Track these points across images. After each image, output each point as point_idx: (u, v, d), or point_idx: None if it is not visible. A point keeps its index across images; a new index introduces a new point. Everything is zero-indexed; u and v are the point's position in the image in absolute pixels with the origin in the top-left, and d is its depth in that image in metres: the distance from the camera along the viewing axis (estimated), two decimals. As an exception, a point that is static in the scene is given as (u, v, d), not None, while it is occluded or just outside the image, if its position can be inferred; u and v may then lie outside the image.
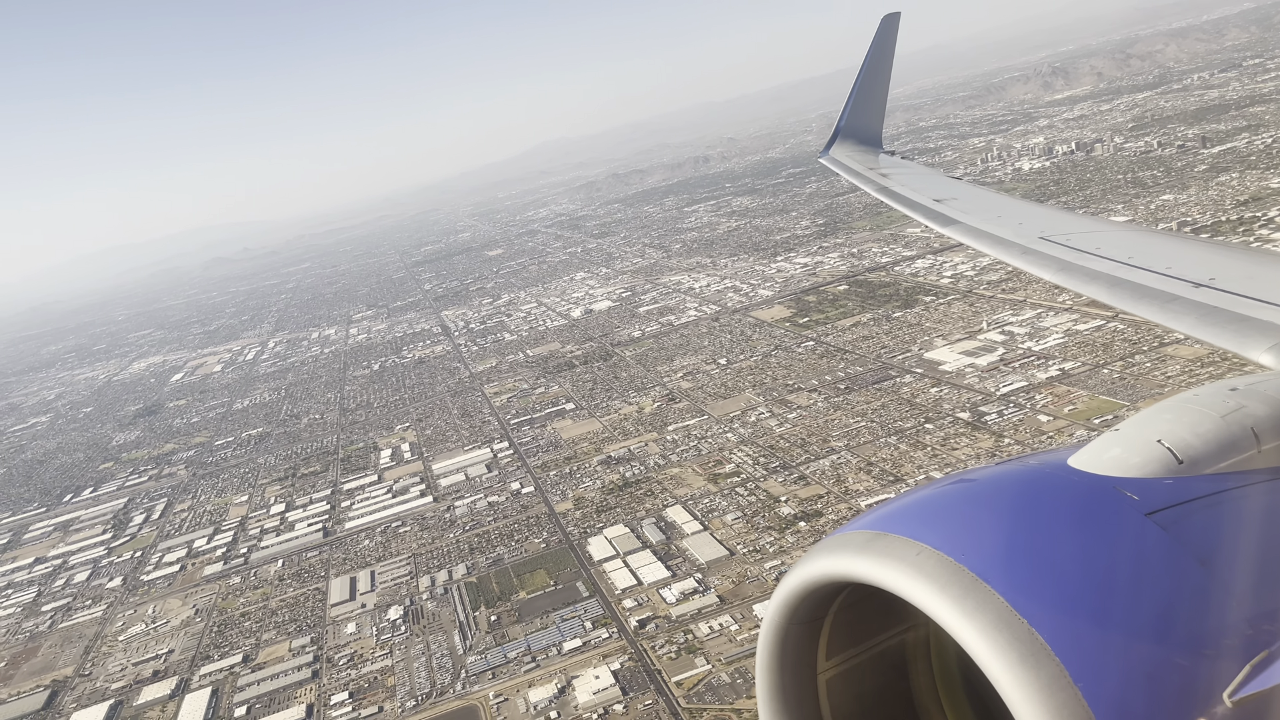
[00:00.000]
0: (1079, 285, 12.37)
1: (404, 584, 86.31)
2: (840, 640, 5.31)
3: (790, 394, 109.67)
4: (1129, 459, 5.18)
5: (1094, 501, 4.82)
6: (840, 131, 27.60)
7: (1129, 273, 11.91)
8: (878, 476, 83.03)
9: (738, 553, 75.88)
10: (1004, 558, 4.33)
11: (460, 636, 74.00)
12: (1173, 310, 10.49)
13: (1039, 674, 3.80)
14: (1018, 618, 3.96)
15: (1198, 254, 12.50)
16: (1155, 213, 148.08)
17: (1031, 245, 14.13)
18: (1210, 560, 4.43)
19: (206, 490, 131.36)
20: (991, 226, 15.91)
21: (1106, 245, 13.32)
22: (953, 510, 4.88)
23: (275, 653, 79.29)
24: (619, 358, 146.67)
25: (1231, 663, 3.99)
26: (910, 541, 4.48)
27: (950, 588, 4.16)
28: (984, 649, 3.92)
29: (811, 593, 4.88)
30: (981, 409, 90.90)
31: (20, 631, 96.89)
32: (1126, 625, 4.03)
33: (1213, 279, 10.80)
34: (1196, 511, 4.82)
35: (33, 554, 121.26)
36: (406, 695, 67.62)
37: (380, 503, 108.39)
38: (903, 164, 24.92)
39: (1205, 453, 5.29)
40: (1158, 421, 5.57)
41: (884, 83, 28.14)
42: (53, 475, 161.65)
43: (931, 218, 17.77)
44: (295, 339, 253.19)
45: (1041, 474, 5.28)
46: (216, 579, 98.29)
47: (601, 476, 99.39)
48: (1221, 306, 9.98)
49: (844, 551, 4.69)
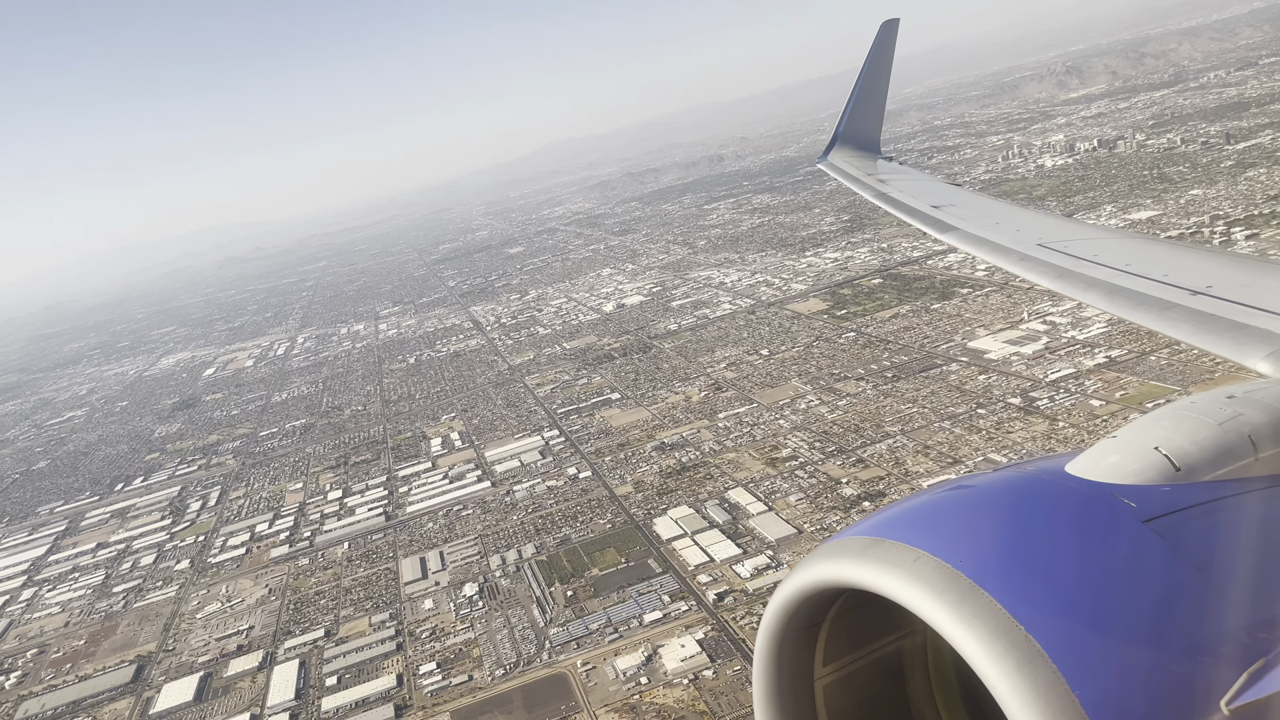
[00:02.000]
0: (1076, 292, 12.43)
1: (474, 563, 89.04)
2: (837, 646, 5.32)
3: (838, 382, 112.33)
4: (1127, 466, 5.21)
5: (1091, 508, 4.84)
6: (839, 137, 27.77)
7: (1127, 280, 11.94)
8: (936, 459, 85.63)
9: (805, 531, 78.52)
10: (1001, 564, 4.36)
11: (539, 610, 76.75)
12: (1170, 318, 10.59)
13: (1036, 681, 3.80)
14: (1015, 624, 3.97)
15: (1195, 262, 12.54)
16: (1185, 207, 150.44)
17: (1029, 252, 14.23)
18: (1207, 567, 4.44)
19: (259, 478, 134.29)
20: (989, 233, 15.98)
21: (1104, 252, 13.37)
22: (950, 516, 4.93)
23: (356, 628, 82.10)
24: (658, 350, 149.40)
25: (1229, 670, 3.98)
26: (907, 548, 4.50)
27: (947, 594, 4.17)
28: (981, 655, 3.93)
29: (808, 599, 4.90)
30: (1032, 395, 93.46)
31: (95, 611, 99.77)
32: (1124, 632, 4.04)
33: (1210, 287, 10.86)
34: (1194, 519, 4.82)
35: (94, 539, 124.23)
36: (494, 665, 70.34)
37: (438, 488, 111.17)
38: (901, 170, 25.27)
39: (1202, 460, 5.31)
40: (1155, 429, 5.60)
41: (883, 89, 28.28)
42: (99, 466, 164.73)
43: (929, 224, 17.77)
44: (324, 334, 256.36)
45: (1039, 480, 5.33)
46: (284, 561, 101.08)
47: (657, 461, 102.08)
48: (1219, 314, 10.06)
49: (841, 557, 4.71)
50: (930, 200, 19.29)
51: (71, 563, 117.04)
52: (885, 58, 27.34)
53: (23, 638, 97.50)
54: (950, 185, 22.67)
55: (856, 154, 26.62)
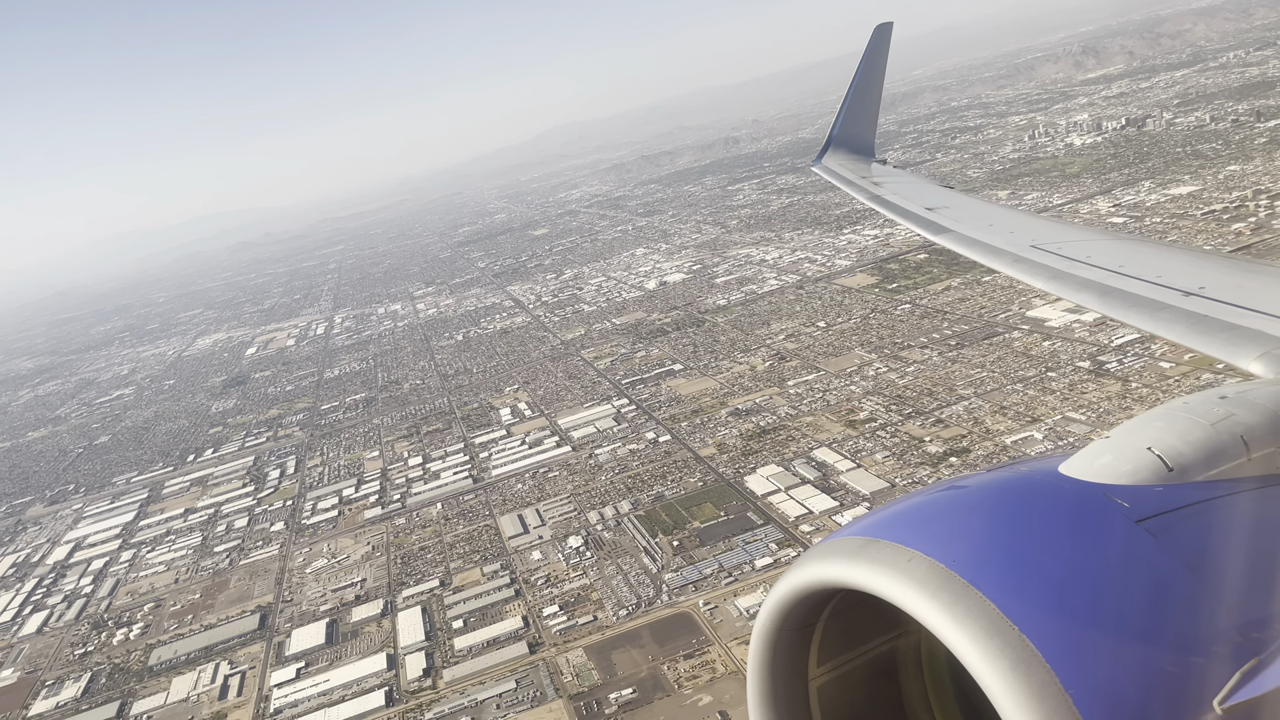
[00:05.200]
0: (1070, 293, 12.50)
1: (572, 519, 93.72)
2: (832, 647, 5.36)
3: (902, 351, 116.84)
4: (1119, 466, 5.26)
5: (1084, 508, 4.88)
6: (833, 140, 27.84)
7: (1120, 281, 12.03)
8: (1014, 418, 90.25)
9: (897, 485, 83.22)
10: (995, 564, 4.39)
11: (649, 559, 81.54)
12: (1163, 318, 10.65)
13: (1030, 681, 3.83)
14: (1009, 624, 4.02)
15: (1187, 263, 12.73)
16: (1224, 182, 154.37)
17: (1023, 254, 14.35)
18: (1200, 567, 4.48)
19: (332, 448, 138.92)
20: (983, 235, 16.07)
21: (1097, 254, 13.50)
22: (944, 517, 4.96)
23: (469, 577, 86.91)
24: (711, 324, 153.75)
25: (1222, 670, 4.02)
26: (901, 548, 4.54)
27: (941, 594, 4.22)
28: (975, 656, 3.98)
29: (803, 599, 4.93)
30: (1100, 359, 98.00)
31: (201, 569, 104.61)
32: (1117, 632, 4.07)
33: (1202, 288, 10.92)
34: (1187, 519, 4.86)
35: (180, 505, 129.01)
36: (616, 606, 75.15)
37: (519, 453, 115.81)
38: (895, 173, 25.44)
39: (1195, 460, 5.36)
40: (1148, 429, 5.66)
41: (876, 91, 28.39)
42: (164, 439, 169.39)
43: (923, 226, 17.84)
44: (361, 314, 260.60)
45: (1032, 481, 5.36)
46: (379, 521, 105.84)
47: (735, 426, 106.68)
48: (1211, 315, 10.11)
49: (835, 558, 4.74)
50: (924, 202, 19.44)
51: (164, 526, 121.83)
52: (879, 61, 27.50)
53: (134, 593, 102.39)
54: (944, 188, 22.92)
55: (850, 157, 26.88)
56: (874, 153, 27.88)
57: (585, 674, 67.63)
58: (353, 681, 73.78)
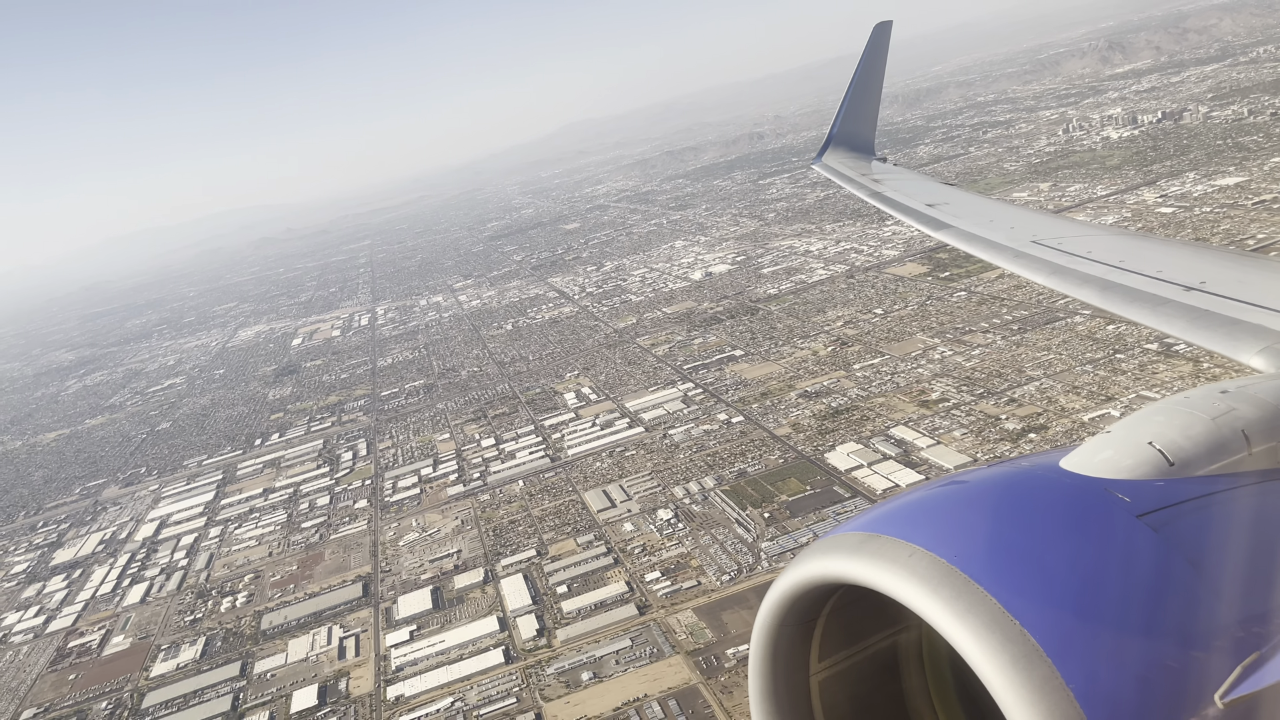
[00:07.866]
0: (1071, 289, 12.52)
1: (657, 494, 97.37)
2: (833, 642, 5.41)
3: (965, 335, 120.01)
4: (1120, 461, 5.32)
5: (1086, 503, 4.93)
6: (833, 138, 28.10)
7: (1120, 276, 12.09)
8: (1088, 397, 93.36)
9: (980, 460, 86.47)
10: (996, 559, 4.43)
11: (742, 529, 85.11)
12: (1164, 313, 10.68)
13: (1031, 675, 3.86)
14: (1010, 619, 4.04)
15: (1188, 258, 12.76)
16: (1270, 173, 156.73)
17: (1024, 249, 14.42)
18: (1201, 562, 4.51)
19: (400, 431, 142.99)
20: (984, 230, 16.17)
21: (1098, 249, 13.53)
22: (945, 512, 5.01)
23: (564, 548, 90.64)
24: (765, 312, 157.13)
25: (1223, 664, 4.03)
26: (903, 543, 4.59)
27: (942, 589, 4.24)
28: (976, 650, 4.00)
29: (804, 594, 4.99)
30: (1168, 340, 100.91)
31: (292, 543, 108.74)
32: (1118, 627, 4.10)
33: (1203, 283, 10.94)
34: (1187, 513, 4.89)
35: (258, 485, 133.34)
36: (717, 572, 78.78)
37: (592, 434, 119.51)
38: (895, 170, 25.53)
39: (1196, 455, 5.41)
40: (1149, 424, 5.72)
41: (876, 90, 28.60)
42: (226, 425, 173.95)
43: (924, 222, 17.98)
44: (404, 306, 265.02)
45: (1033, 476, 5.42)
46: (462, 498, 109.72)
47: (806, 407, 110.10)
48: (1212, 310, 10.13)
49: (837, 553, 4.79)
50: (925, 199, 19.66)
51: (246, 505, 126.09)
52: (879, 59, 27.66)
53: (230, 566, 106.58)
54: (944, 184, 22.96)
55: (851, 155, 27.12)
56: (874, 150, 28.33)
57: (699, 632, 71.27)
58: (468, 642, 77.66)
